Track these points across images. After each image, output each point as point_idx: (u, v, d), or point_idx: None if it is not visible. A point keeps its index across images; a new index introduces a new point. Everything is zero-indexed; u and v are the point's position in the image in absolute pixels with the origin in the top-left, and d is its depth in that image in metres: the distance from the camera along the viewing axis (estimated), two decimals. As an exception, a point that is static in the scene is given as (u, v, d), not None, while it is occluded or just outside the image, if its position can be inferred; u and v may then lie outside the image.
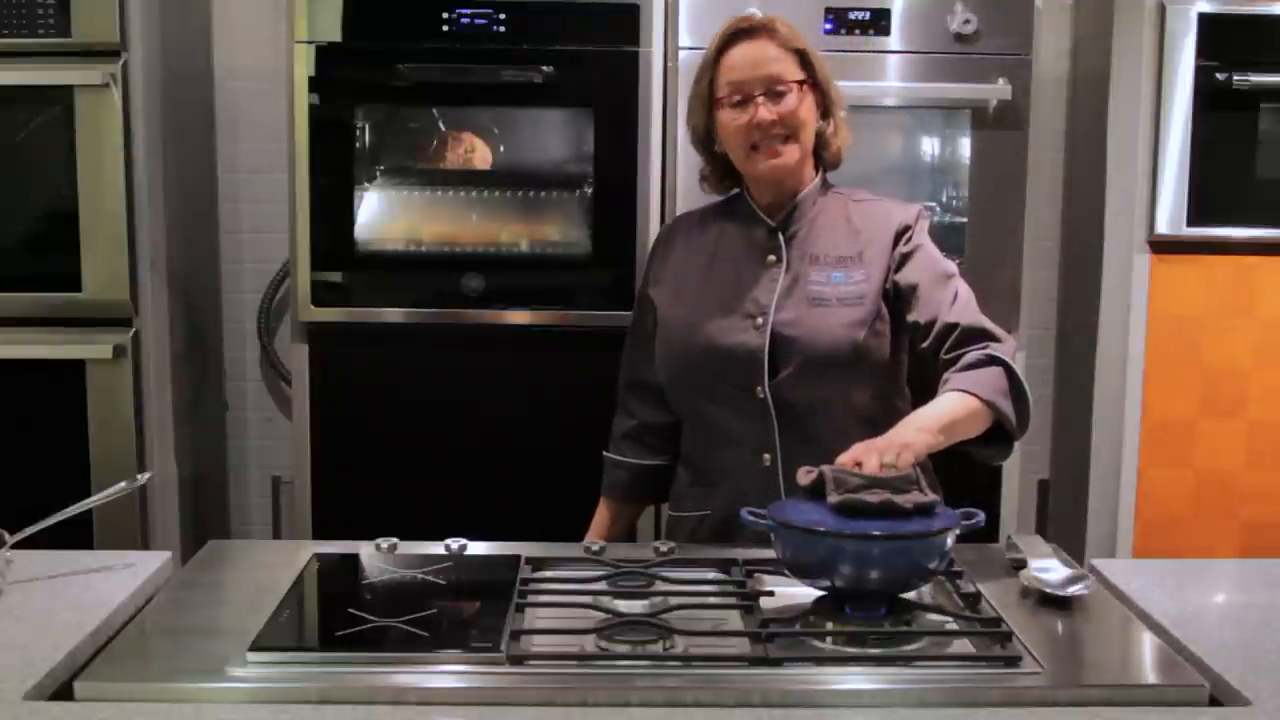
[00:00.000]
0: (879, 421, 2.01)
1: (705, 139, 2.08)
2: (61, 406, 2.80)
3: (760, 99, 1.97)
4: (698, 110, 2.06)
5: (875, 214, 2.07)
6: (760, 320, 1.99)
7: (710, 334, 2.02)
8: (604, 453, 2.24)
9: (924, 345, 1.98)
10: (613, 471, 2.22)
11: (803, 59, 2.01)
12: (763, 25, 2.01)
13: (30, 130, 2.79)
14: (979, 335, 1.94)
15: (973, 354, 1.91)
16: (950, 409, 1.83)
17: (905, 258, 2.02)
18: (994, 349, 1.91)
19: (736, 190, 2.14)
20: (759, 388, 1.99)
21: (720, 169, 2.11)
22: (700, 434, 2.10)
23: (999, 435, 1.89)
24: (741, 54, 1.99)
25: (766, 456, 2.01)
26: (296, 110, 2.73)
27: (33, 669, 1.40)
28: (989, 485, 2.76)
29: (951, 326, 1.95)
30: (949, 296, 1.98)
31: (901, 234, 2.04)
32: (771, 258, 2.04)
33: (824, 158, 2.08)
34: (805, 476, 1.67)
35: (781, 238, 2.05)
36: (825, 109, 2.04)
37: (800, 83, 1.99)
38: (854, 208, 2.08)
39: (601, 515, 2.23)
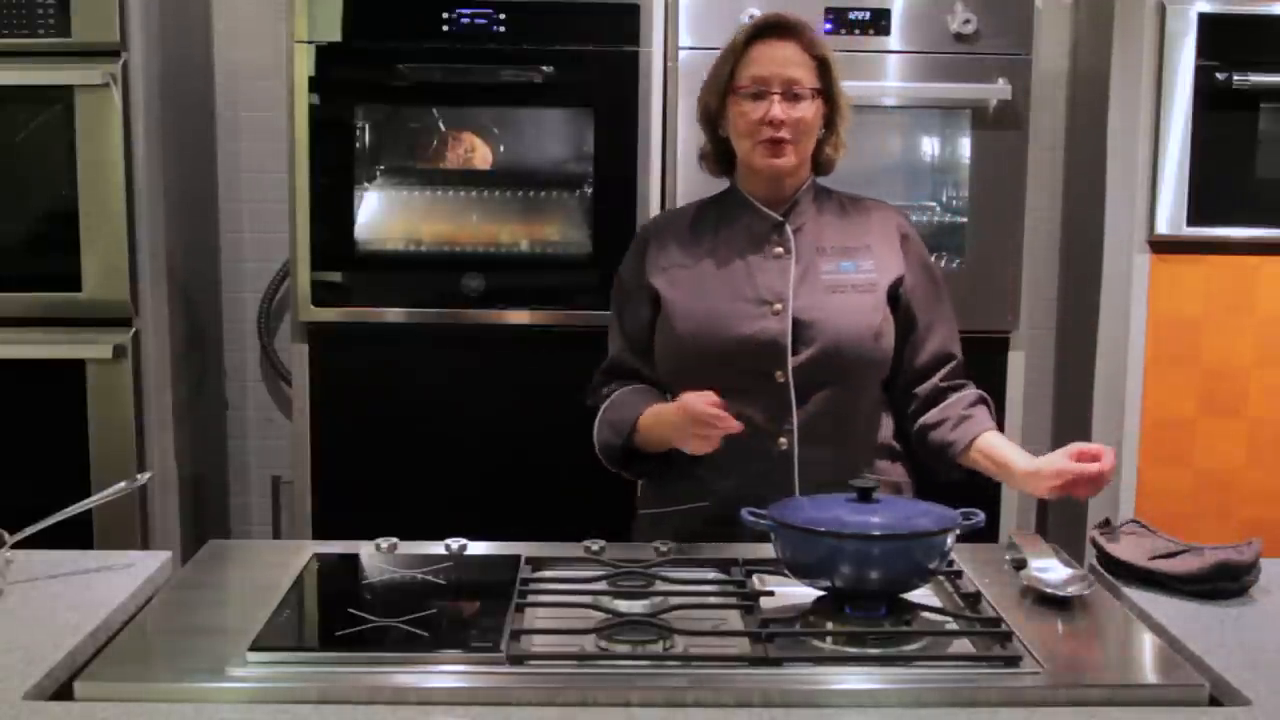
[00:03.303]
0: (882, 405, 2.14)
1: (713, 120, 2.12)
2: (61, 406, 2.80)
3: (777, 97, 2.01)
4: (713, 92, 2.09)
5: (868, 210, 2.16)
6: (779, 307, 2.03)
7: (728, 321, 2.04)
8: (600, 412, 2.13)
9: (920, 363, 2.12)
10: (626, 393, 2.12)
11: (823, 68, 2.05)
12: (794, 27, 2.06)
13: (30, 130, 2.79)
14: (962, 364, 2.16)
15: (971, 393, 2.12)
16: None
17: (914, 270, 2.12)
18: (973, 387, 2.14)
19: (727, 185, 2.17)
20: (779, 372, 2.02)
21: (719, 152, 2.15)
22: None
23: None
24: (769, 50, 2.04)
25: (783, 441, 2.04)
26: (297, 110, 2.74)
27: (33, 669, 1.40)
28: (989, 485, 2.76)
29: (952, 357, 2.14)
30: (952, 324, 2.16)
31: (903, 238, 2.14)
32: (779, 249, 2.08)
33: (818, 162, 2.13)
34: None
35: (789, 230, 2.08)
36: (830, 119, 2.09)
37: (816, 91, 2.04)
38: (847, 203, 2.17)
39: (654, 405, 2.08)
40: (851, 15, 2.72)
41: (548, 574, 1.74)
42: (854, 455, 2.07)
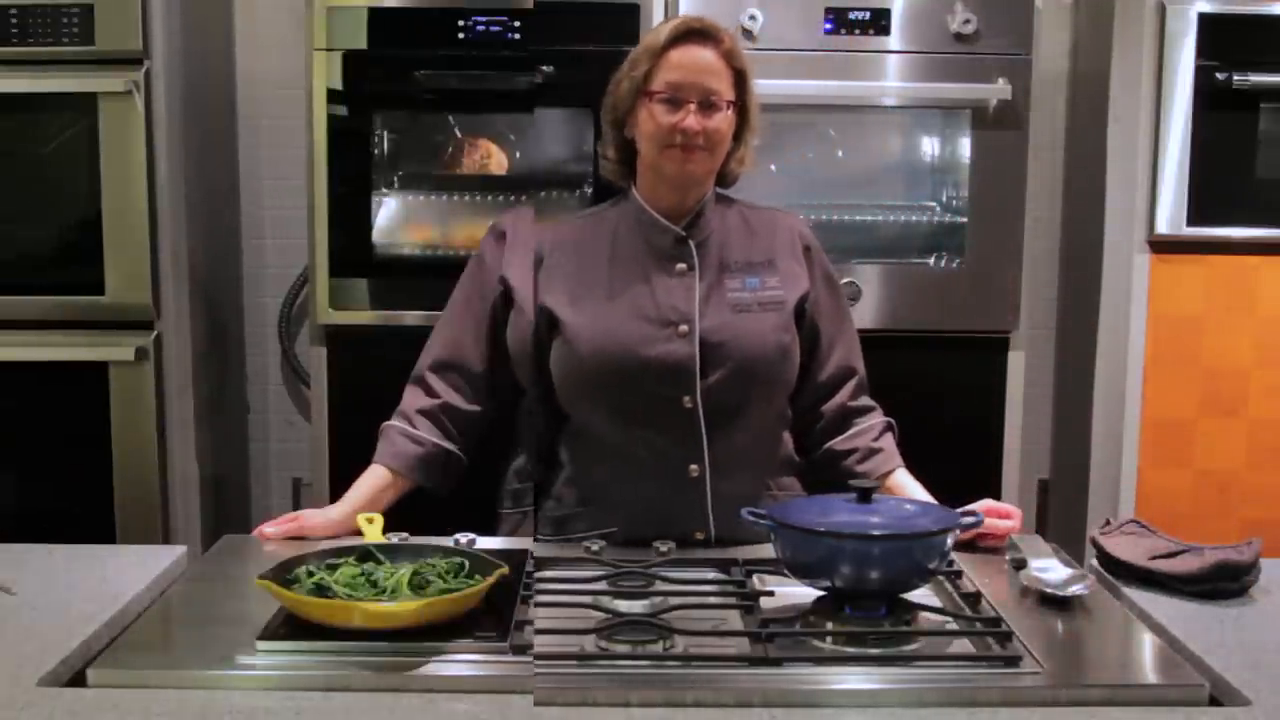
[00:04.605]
0: (786, 420, 2.08)
1: (620, 121, 2.03)
2: (84, 409, 2.83)
3: (693, 106, 1.94)
4: (626, 93, 1.99)
5: (770, 220, 2.10)
6: (685, 328, 1.95)
7: (632, 343, 1.95)
8: (386, 425, 2.08)
9: (824, 378, 2.08)
10: (401, 442, 2.04)
11: (739, 79, 1.98)
12: (714, 34, 1.98)
13: (55, 137, 2.82)
14: (864, 380, 2.12)
15: (878, 421, 2.08)
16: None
17: (818, 284, 2.07)
18: (880, 412, 2.11)
19: (620, 196, 2.09)
20: (687, 397, 1.95)
21: (622, 155, 2.06)
22: (607, 448, 2.00)
23: None
24: (688, 56, 1.95)
25: (694, 467, 1.96)
26: (316, 117, 2.76)
27: (47, 656, 1.42)
28: (989, 486, 2.76)
29: (855, 372, 2.09)
30: (854, 338, 2.12)
31: (806, 250, 2.08)
32: (682, 265, 1.99)
33: (722, 174, 2.06)
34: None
35: (692, 245, 2.01)
36: (739, 131, 2.02)
37: (731, 103, 1.97)
38: (749, 214, 2.10)
39: (370, 483, 2.03)
40: (851, 15, 2.72)
41: (548, 574, 1.73)
42: (763, 474, 2.03)
